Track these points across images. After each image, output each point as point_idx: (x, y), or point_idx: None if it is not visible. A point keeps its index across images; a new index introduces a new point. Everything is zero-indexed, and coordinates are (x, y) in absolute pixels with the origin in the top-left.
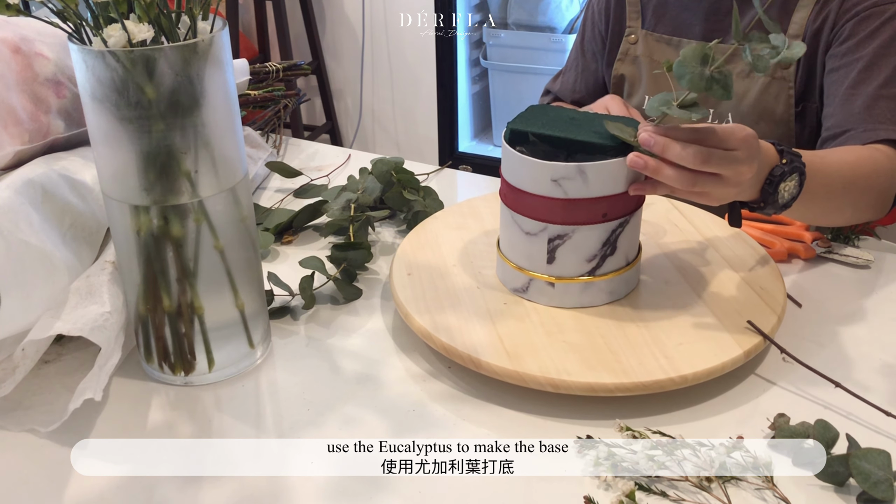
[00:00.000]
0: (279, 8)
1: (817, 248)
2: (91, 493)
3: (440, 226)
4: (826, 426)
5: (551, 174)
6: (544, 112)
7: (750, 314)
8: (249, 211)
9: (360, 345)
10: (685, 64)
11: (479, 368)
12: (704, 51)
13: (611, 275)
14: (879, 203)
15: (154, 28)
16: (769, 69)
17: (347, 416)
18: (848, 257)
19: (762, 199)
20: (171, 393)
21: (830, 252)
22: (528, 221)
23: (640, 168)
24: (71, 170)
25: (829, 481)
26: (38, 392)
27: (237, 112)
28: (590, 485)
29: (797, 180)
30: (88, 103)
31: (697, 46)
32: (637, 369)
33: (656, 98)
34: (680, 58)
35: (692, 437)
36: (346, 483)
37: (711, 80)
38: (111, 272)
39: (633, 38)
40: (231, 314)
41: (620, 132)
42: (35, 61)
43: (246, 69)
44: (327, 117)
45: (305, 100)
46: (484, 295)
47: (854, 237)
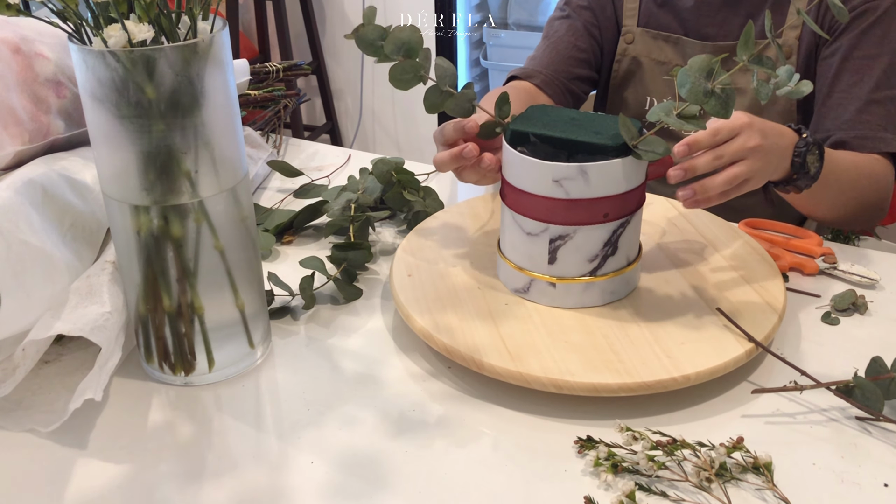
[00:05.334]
0: (279, 8)
1: (822, 263)
2: (91, 493)
3: (440, 226)
4: None
5: (553, 174)
6: (545, 112)
7: (750, 313)
8: (249, 211)
9: (360, 345)
10: (689, 73)
11: (482, 369)
12: (711, 64)
13: (612, 275)
14: (876, 209)
15: (154, 28)
16: (769, 98)
17: (347, 416)
18: (852, 275)
19: (794, 171)
20: (172, 393)
21: (835, 269)
22: (529, 222)
23: (687, 197)
24: (71, 170)
25: None
26: (39, 392)
27: (237, 112)
28: (590, 485)
29: (817, 154)
30: (88, 103)
31: (706, 58)
32: (640, 369)
33: (659, 106)
34: (686, 66)
35: (692, 438)
36: (346, 483)
37: (711, 95)
38: (111, 272)
39: (629, 38)
40: (231, 314)
41: (627, 131)
42: (35, 61)
43: (246, 70)
44: (327, 117)
45: (305, 100)
46: (485, 295)
47: (854, 237)
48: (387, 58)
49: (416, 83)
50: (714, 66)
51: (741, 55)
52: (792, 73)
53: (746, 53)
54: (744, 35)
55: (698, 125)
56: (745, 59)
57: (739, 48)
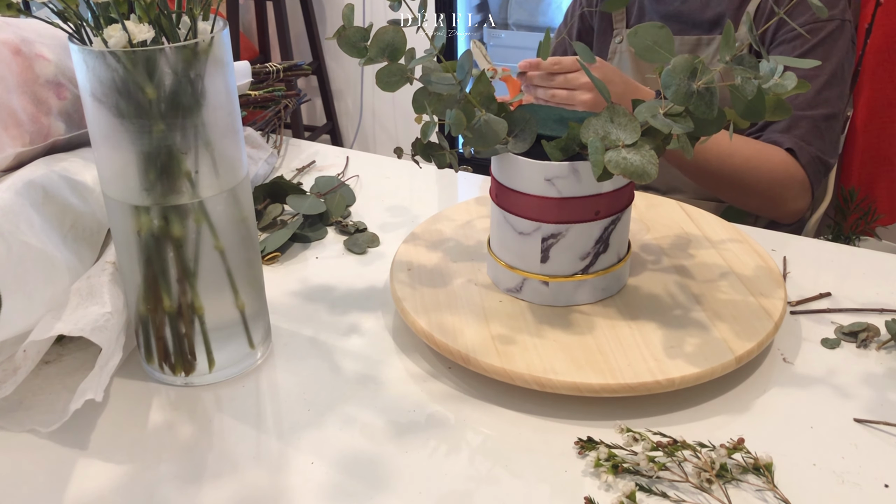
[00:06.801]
0: (279, 8)
1: None
2: (91, 493)
3: (440, 226)
4: None
5: (545, 173)
6: (535, 112)
7: (746, 319)
8: (250, 211)
9: (360, 345)
10: (673, 75)
11: (469, 365)
12: (694, 64)
13: (603, 272)
14: (766, 197)
15: (154, 28)
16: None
17: (347, 416)
18: None
19: None
20: (172, 393)
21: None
22: (521, 221)
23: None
24: (71, 171)
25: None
26: (39, 392)
27: (238, 112)
28: (590, 485)
29: None
30: (89, 104)
31: (688, 58)
32: (625, 370)
33: (645, 105)
34: (670, 66)
35: (693, 439)
36: (346, 483)
37: (696, 96)
38: (112, 273)
39: (619, 39)
40: (231, 314)
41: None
42: (36, 63)
43: (248, 71)
44: (328, 117)
45: (306, 100)
46: (481, 294)
47: (854, 237)
48: (371, 60)
49: (403, 84)
50: (697, 66)
51: (723, 56)
52: (774, 70)
53: (728, 54)
54: (724, 36)
55: (686, 127)
56: (728, 60)
57: (721, 49)
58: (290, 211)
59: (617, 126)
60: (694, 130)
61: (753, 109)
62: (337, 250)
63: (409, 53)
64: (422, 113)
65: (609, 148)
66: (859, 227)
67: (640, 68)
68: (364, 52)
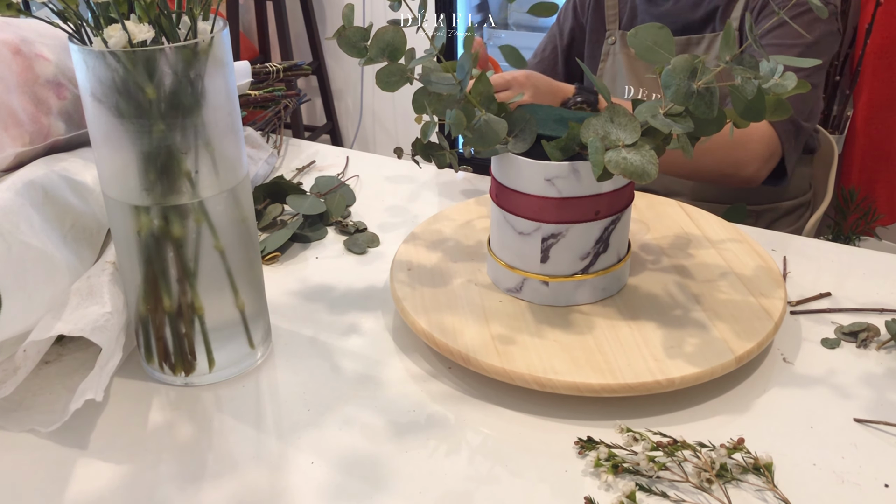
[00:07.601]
0: (279, 8)
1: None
2: (91, 493)
3: (440, 226)
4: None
5: (545, 173)
6: (534, 112)
7: (746, 319)
8: (250, 211)
9: (360, 345)
10: (673, 75)
11: (469, 365)
12: (694, 64)
13: (603, 272)
14: (726, 155)
15: (154, 28)
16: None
17: (347, 416)
18: None
19: None
20: (172, 393)
21: None
22: (521, 221)
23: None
24: (71, 171)
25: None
26: (39, 392)
27: (238, 112)
28: (590, 485)
29: (589, 111)
30: (89, 103)
31: (688, 58)
32: (625, 370)
33: (645, 105)
34: (670, 66)
35: (693, 439)
36: (346, 483)
37: (696, 96)
38: (112, 272)
39: (612, 40)
40: (231, 314)
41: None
42: (36, 63)
43: (248, 72)
44: (328, 117)
45: (306, 100)
46: (481, 294)
47: (854, 237)
48: (371, 60)
49: (403, 84)
50: (697, 65)
51: (723, 56)
52: (774, 70)
53: (728, 54)
54: (724, 36)
55: (685, 127)
56: (728, 60)
57: (721, 49)
58: (290, 211)
59: (617, 126)
60: (694, 130)
61: (753, 109)
62: (337, 250)
63: (409, 53)
64: (422, 113)
65: (609, 148)
66: (859, 227)
67: (634, 69)
68: (364, 52)
